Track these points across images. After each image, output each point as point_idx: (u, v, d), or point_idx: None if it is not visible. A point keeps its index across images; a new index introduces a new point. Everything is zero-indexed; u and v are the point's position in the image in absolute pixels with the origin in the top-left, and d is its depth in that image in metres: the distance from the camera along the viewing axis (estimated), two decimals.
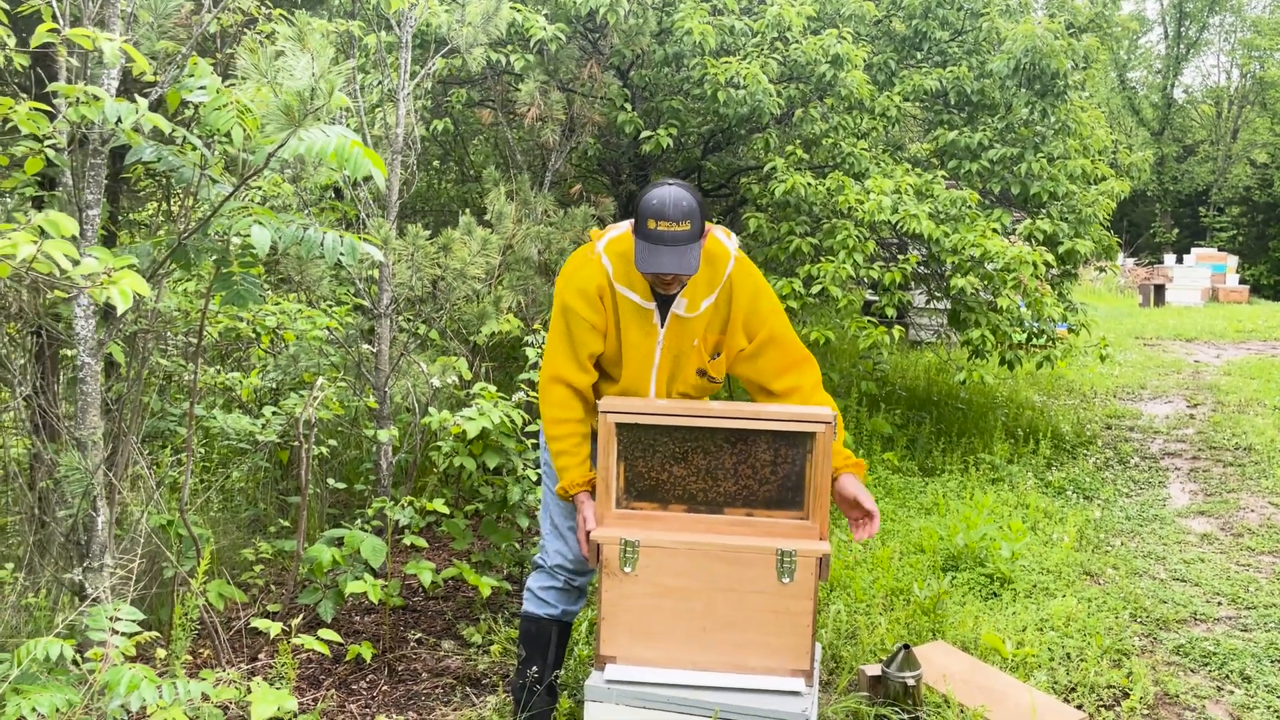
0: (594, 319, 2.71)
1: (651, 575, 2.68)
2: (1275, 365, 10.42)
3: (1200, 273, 19.37)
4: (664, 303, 2.74)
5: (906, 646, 2.98)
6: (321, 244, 2.78)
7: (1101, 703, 3.34)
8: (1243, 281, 21.59)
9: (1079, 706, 3.28)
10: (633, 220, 2.66)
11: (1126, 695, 3.37)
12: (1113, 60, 29.35)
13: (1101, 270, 8.11)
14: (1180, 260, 20.65)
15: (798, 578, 2.63)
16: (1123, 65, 30.01)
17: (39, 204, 3.29)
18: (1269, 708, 3.36)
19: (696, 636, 2.67)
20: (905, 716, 2.91)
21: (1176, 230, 27.55)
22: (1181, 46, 29.49)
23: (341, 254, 2.81)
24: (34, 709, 2.13)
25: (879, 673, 3.01)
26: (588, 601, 3.35)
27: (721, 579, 2.65)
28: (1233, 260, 20.51)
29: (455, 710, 3.26)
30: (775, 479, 2.74)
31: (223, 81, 2.70)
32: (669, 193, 2.60)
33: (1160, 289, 18.42)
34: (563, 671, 3.42)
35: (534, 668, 2.93)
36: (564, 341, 2.74)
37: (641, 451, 2.75)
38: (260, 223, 2.55)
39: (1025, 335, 6.23)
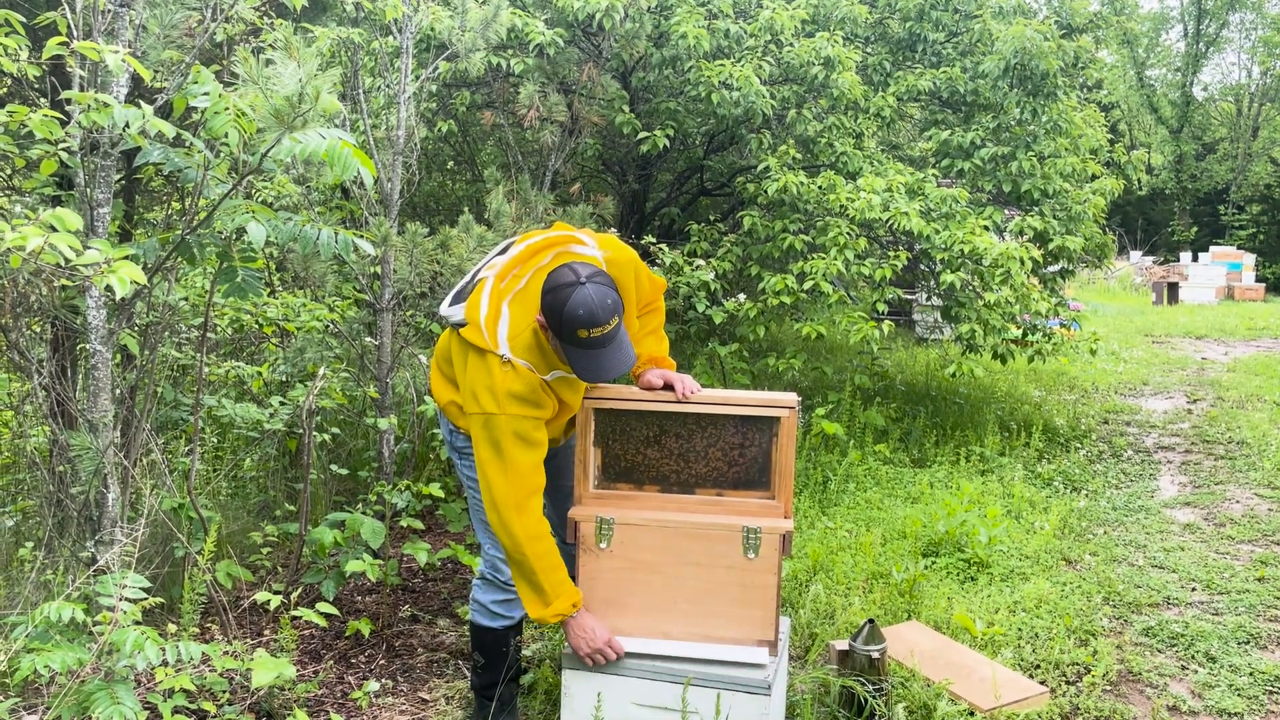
0: (544, 413, 2.66)
1: (626, 551, 2.85)
2: None
3: (1216, 271, 19.32)
4: None
5: (871, 621, 3.13)
6: (317, 239, 2.97)
7: (1065, 678, 3.48)
8: (1261, 279, 21.49)
9: (1042, 682, 3.42)
10: (548, 326, 2.55)
11: (1090, 672, 3.50)
12: (1131, 58, 29.25)
13: (1097, 268, 8.19)
14: (1196, 258, 20.60)
15: (763, 553, 2.79)
16: (1141, 63, 29.87)
17: (57, 203, 3.50)
18: (1230, 686, 3.48)
19: (668, 608, 2.84)
20: (870, 687, 3.06)
21: (1195, 228, 27.41)
22: (1201, 44, 29.33)
23: (337, 249, 3.00)
24: (46, 665, 2.32)
25: (846, 647, 3.17)
26: None
27: (691, 554, 2.82)
28: (1249, 258, 20.43)
29: (448, 683, 3.44)
30: (743, 461, 2.90)
31: (227, 87, 2.89)
32: (591, 295, 2.45)
33: (1174, 287, 18.38)
34: (543, 644, 3.60)
35: (500, 670, 3.01)
36: (523, 454, 2.61)
37: (617, 435, 2.92)
38: (257, 219, 2.74)
39: (1022, 331, 6.36)
